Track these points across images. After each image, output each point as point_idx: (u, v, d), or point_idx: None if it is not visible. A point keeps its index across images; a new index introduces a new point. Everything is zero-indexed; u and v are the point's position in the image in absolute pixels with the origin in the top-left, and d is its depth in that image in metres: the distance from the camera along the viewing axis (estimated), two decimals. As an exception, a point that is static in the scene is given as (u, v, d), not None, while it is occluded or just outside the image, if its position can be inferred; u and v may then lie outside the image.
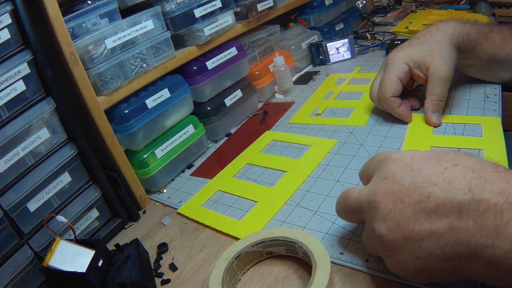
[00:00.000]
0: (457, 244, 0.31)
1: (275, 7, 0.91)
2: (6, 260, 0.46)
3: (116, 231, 0.61)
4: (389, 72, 0.60)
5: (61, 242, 0.46)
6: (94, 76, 0.59)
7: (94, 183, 0.58)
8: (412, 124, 0.65)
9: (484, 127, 0.59)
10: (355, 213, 0.41)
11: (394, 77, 0.59)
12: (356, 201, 0.39)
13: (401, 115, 0.64)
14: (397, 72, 0.60)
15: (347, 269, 0.43)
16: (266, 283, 0.45)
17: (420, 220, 0.33)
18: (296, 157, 0.67)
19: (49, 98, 0.52)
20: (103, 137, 0.59)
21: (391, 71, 0.60)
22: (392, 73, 0.60)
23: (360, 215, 0.40)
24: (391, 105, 0.62)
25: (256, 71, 0.89)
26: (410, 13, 1.24)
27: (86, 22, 0.59)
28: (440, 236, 0.32)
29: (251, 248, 0.46)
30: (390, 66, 0.60)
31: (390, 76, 0.60)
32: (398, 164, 0.36)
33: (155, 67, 0.67)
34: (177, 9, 0.70)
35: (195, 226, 0.58)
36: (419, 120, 0.65)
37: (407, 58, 0.59)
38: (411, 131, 0.63)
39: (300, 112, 0.82)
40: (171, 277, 0.49)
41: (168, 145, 0.69)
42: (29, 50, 0.49)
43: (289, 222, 0.53)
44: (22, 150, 0.49)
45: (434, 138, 0.60)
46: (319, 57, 1.03)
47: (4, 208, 0.46)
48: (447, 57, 0.57)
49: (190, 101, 0.74)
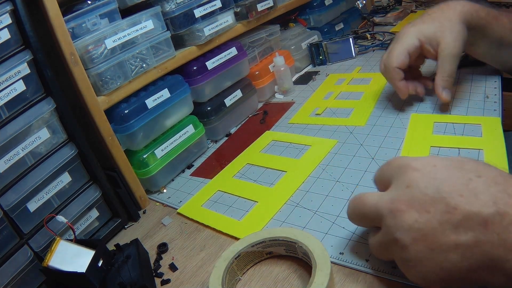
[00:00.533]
0: (481, 257, 0.31)
1: (275, 7, 0.91)
2: (6, 260, 0.46)
3: (116, 231, 0.60)
4: (399, 44, 0.61)
5: (61, 242, 0.46)
6: (94, 76, 0.59)
7: (94, 183, 0.58)
8: (412, 124, 0.65)
9: (484, 127, 0.59)
10: (370, 220, 0.40)
11: (404, 49, 0.60)
12: (375, 208, 0.38)
13: (399, 88, 0.64)
14: (407, 45, 0.60)
15: (347, 269, 0.43)
16: (266, 283, 0.45)
17: (447, 231, 0.32)
18: (296, 157, 0.67)
19: (49, 98, 0.52)
20: (103, 137, 0.59)
21: (401, 43, 0.61)
22: (402, 45, 0.60)
23: (376, 222, 0.39)
24: (394, 75, 0.63)
25: (256, 71, 0.89)
26: (410, 13, 1.24)
27: (86, 22, 0.59)
28: (466, 249, 0.32)
29: (251, 248, 0.46)
30: (401, 39, 0.61)
31: (399, 47, 0.60)
32: (420, 173, 0.36)
33: (155, 67, 0.67)
34: (177, 9, 0.70)
35: (195, 226, 0.58)
36: (419, 120, 0.65)
37: (419, 33, 0.60)
38: (411, 130, 0.63)
39: (300, 112, 0.82)
40: (171, 277, 0.49)
41: (168, 145, 0.69)
42: (29, 50, 0.49)
43: (289, 222, 0.53)
44: (22, 150, 0.49)
45: (434, 137, 0.60)
46: (319, 57, 1.03)
47: (4, 208, 0.46)
48: (456, 34, 0.58)
49: (190, 101, 0.74)
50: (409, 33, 0.61)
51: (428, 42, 0.59)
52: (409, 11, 1.25)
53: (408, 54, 0.61)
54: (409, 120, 0.66)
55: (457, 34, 0.58)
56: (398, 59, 0.61)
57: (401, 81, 0.63)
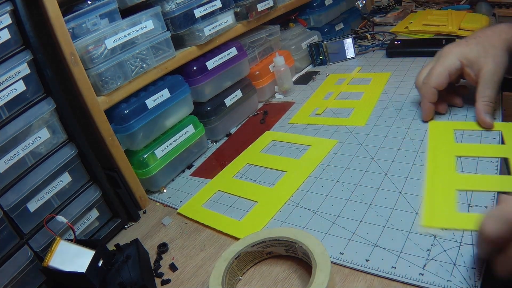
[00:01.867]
0: None
1: (275, 7, 0.91)
2: (6, 260, 0.46)
3: (116, 231, 0.61)
4: (441, 64, 0.61)
5: (61, 242, 0.46)
6: (94, 76, 0.59)
7: (94, 183, 0.58)
8: (432, 132, 0.62)
9: (505, 134, 0.57)
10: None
11: (445, 70, 0.60)
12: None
13: (425, 110, 0.64)
14: (448, 66, 0.60)
15: (347, 269, 0.43)
16: (266, 283, 0.45)
17: None
18: (296, 157, 0.67)
19: (49, 98, 0.52)
20: (103, 137, 0.59)
21: (444, 63, 0.61)
22: (444, 65, 0.61)
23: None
24: (429, 96, 0.62)
25: (256, 71, 0.89)
26: (410, 13, 1.24)
27: (86, 22, 0.59)
28: None
29: (251, 248, 0.46)
30: (444, 59, 0.61)
31: (441, 68, 0.61)
32: None
33: (155, 67, 0.67)
34: (177, 9, 0.70)
35: (195, 226, 0.58)
36: (440, 128, 0.63)
37: (462, 55, 0.60)
38: (433, 140, 0.60)
39: (300, 112, 0.82)
40: (171, 277, 0.49)
41: (168, 145, 0.69)
42: (29, 50, 0.49)
43: (289, 222, 0.53)
44: (22, 150, 0.49)
45: (458, 146, 0.57)
46: (319, 57, 1.03)
47: (4, 208, 0.46)
48: (499, 61, 0.58)
49: (190, 101, 0.74)
50: (451, 54, 0.61)
51: (470, 65, 0.59)
52: (409, 11, 1.25)
53: (448, 75, 0.61)
54: (427, 127, 0.64)
55: (500, 61, 0.58)
56: (438, 80, 0.61)
57: (430, 103, 0.63)
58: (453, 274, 0.39)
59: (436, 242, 0.43)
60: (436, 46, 0.88)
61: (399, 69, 0.87)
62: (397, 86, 0.80)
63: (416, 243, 0.43)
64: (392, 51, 0.96)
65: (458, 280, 0.38)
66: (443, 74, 0.60)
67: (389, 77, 0.85)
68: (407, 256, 0.42)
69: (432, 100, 0.63)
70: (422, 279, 0.39)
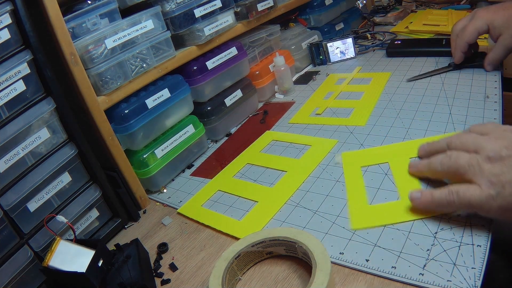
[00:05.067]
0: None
1: (275, 7, 0.91)
2: (6, 260, 0.46)
3: (116, 231, 0.61)
4: (473, 25, 0.74)
5: (61, 242, 0.46)
6: (94, 76, 0.59)
7: (94, 183, 0.58)
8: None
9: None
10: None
11: (475, 30, 0.74)
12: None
13: (457, 57, 0.78)
14: (479, 27, 0.73)
15: (347, 269, 0.43)
16: (266, 283, 0.45)
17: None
18: (296, 157, 0.67)
19: (49, 98, 0.52)
20: (103, 137, 0.59)
21: (475, 25, 0.74)
22: (475, 26, 0.74)
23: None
24: (462, 47, 0.76)
25: (256, 71, 0.89)
26: (410, 13, 1.24)
27: (86, 22, 0.59)
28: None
29: (251, 248, 0.46)
30: (476, 21, 0.74)
31: (472, 28, 0.74)
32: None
33: (155, 67, 0.67)
34: (177, 9, 0.70)
35: (195, 226, 0.58)
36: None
37: (490, 21, 0.72)
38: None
39: (300, 112, 0.82)
40: (171, 277, 0.49)
41: (168, 145, 0.69)
42: (29, 50, 0.49)
43: (289, 222, 0.53)
44: (22, 150, 0.49)
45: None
46: (319, 57, 1.03)
47: (4, 208, 0.46)
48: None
49: (190, 101, 0.74)
50: (482, 18, 0.73)
51: (493, 30, 0.72)
52: (409, 11, 1.25)
53: (477, 34, 0.74)
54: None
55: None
56: (470, 36, 0.74)
57: (461, 52, 0.77)
58: (453, 274, 0.39)
59: (436, 242, 0.43)
60: (436, 46, 0.88)
61: (399, 69, 0.87)
62: (397, 86, 0.80)
63: (416, 243, 0.43)
64: (392, 51, 0.96)
65: (458, 280, 0.38)
66: (474, 33, 0.74)
67: (389, 77, 0.85)
68: (407, 256, 0.42)
69: (463, 50, 0.77)
70: (422, 279, 0.39)
